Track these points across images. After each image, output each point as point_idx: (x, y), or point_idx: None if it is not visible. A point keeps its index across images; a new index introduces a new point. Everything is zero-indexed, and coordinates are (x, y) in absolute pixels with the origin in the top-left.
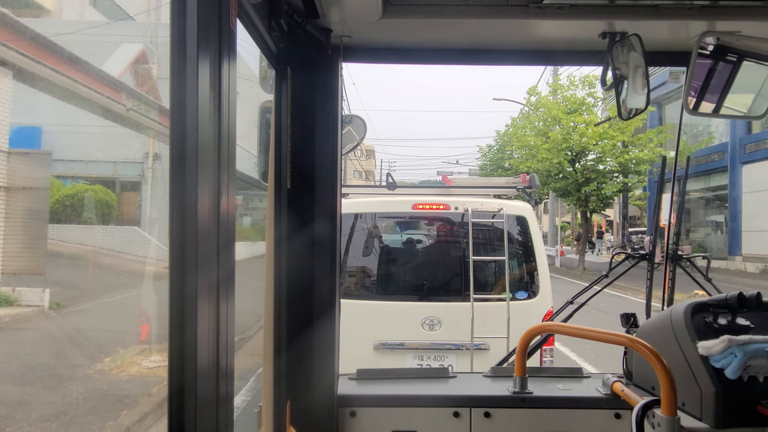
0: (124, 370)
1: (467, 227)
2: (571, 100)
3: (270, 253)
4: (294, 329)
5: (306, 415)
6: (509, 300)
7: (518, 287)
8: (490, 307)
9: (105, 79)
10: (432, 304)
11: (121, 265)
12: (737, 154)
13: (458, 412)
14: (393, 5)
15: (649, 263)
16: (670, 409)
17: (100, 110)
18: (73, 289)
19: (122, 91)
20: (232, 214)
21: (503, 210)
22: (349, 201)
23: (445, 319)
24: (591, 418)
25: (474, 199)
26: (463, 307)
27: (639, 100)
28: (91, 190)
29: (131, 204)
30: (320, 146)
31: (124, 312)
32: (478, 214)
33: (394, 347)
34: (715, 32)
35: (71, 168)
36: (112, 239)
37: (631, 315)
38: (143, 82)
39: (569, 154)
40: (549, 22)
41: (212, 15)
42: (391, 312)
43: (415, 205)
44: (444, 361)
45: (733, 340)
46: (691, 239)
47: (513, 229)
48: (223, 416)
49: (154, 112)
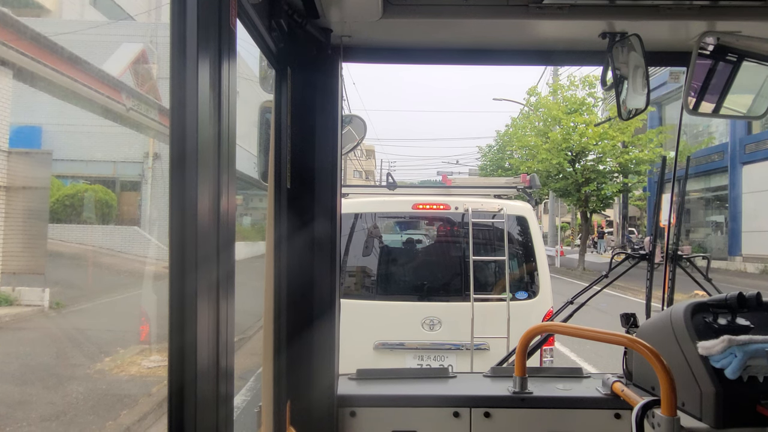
0: (124, 369)
1: (467, 227)
2: (571, 101)
3: (270, 253)
4: (294, 329)
5: (306, 415)
6: (509, 300)
7: (518, 287)
8: (490, 307)
9: (105, 79)
10: (432, 304)
11: (121, 264)
12: (737, 155)
13: (458, 412)
14: (393, 5)
15: (649, 263)
16: (670, 409)
17: (100, 110)
18: (73, 289)
19: (122, 90)
20: (232, 214)
21: (503, 210)
22: (349, 201)
23: (445, 319)
24: (591, 418)
25: (474, 199)
26: (463, 307)
27: (639, 100)
28: (91, 190)
29: (131, 204)
30: (320, 146)
31: (124, 312)
32: (478, 214)
33: (394, 347)
34: (715, 32)
35: (71, 168)
36: (112, 239)
37: (631, 315)
38: (143, 82)
39: (569, 155)
40: (549, 22)
41: (212, 15)
42: (391, 312)
43: (416, 205)
44: (444, 361)
45: (733, 340)
46: (691, 239)
47: (513, 229)
48: (223, 416)
49: (154, 111)
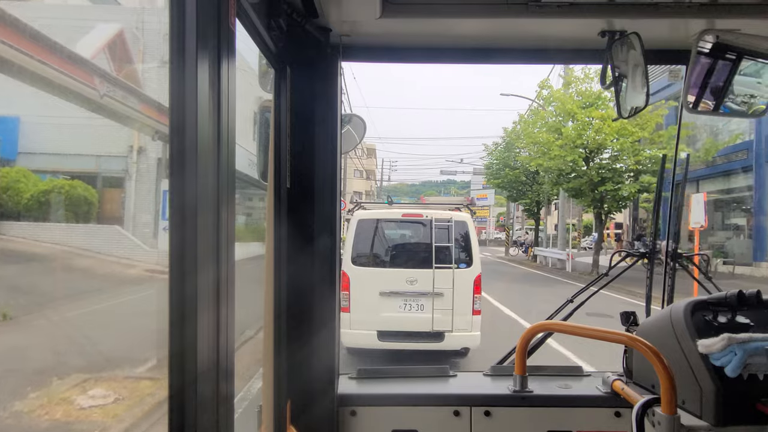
0: (49, 411)
1: (432, 227)
2: (586, 94)
3: (270, 252)
4: (294, 329)
5: (306, 415)
6: (454, 269)
7: (459, 261)
8: (444, 272)
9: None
10: (412, 270)
11: (98, 267)
12: (763, 153)
13: (458, 410)
14: (392, 4)
15: (650, 262)
16: (670, 408)
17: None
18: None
19: (95, 74)
20: (232, 214)
21: (452, 218)
22: (370, 210)
23: (419, 278)
24: (591, 416)
25: (436, 212)
26: (429, 272)
27: (638, 98)
28: (68, 186)
29: (114, 201)
30: (320, 146)
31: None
32: (438, 220)
33: (390, 294)
34: (714, 30)
35: (51, 162)
36: (92, 239)
37: (630, 313)
38: (121, 66)
39: (583, 152)
40: (548, 21)
41: (211, 14)
42: (390, 274)
43: (404, 214)
44: (418, 301)
45: (733, 338)
46: (710, 243)
47: (458, 228)
48: (224, 416)
49: (133, 100)
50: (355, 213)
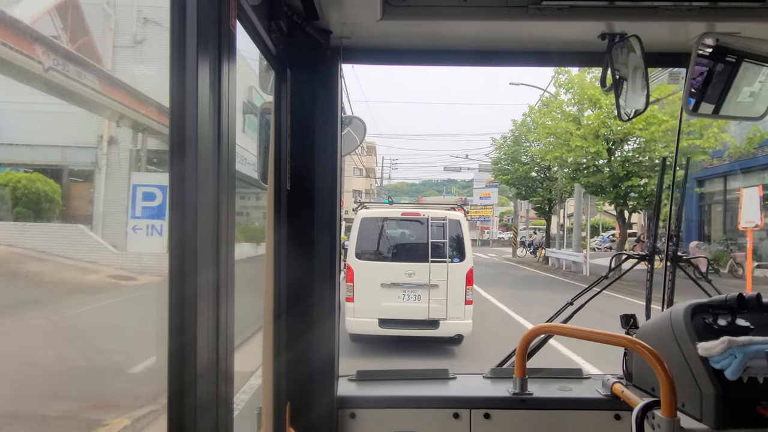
0: None
1: (429, 225)
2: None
3: (270, 253)
4: (294, 330)
5: (306, 417)
6: (448, 263)
7: (453, 255)
8: (440, 266)
9: (8, 24)
10: (411, 263)
11: (50, 272)
12: None
13: (458, 413)
14: (392, 7)
15: (650, 263)
16: (669, 410)
17: (13, 71)
18: None
19: (37, 42)
20: (232, 214)
21: (447, 216)
22: (374, 210)
23: (417, 271)
24: (591, 419)
25: (433, 211)
26: (426, 266)
27: (639, 101)
28: (26, 179)
29: (81, 197)
30: (320, 147)
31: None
32: (434, 219)
33: (391, 285)
34: (714, 33)
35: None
36: (50, 239)
37: (630, 316)
38: (74, 37)
39: (605, 144)
40: (548, 24)
41: (211, 16)
42: (391, 267)
43: (404, 213)
44: (416, 292)
45: (733, 341)
46: (739, 244)
47: (453, 226)
48: (223, 417)
49: (91, 78)
50: (359, 212)
